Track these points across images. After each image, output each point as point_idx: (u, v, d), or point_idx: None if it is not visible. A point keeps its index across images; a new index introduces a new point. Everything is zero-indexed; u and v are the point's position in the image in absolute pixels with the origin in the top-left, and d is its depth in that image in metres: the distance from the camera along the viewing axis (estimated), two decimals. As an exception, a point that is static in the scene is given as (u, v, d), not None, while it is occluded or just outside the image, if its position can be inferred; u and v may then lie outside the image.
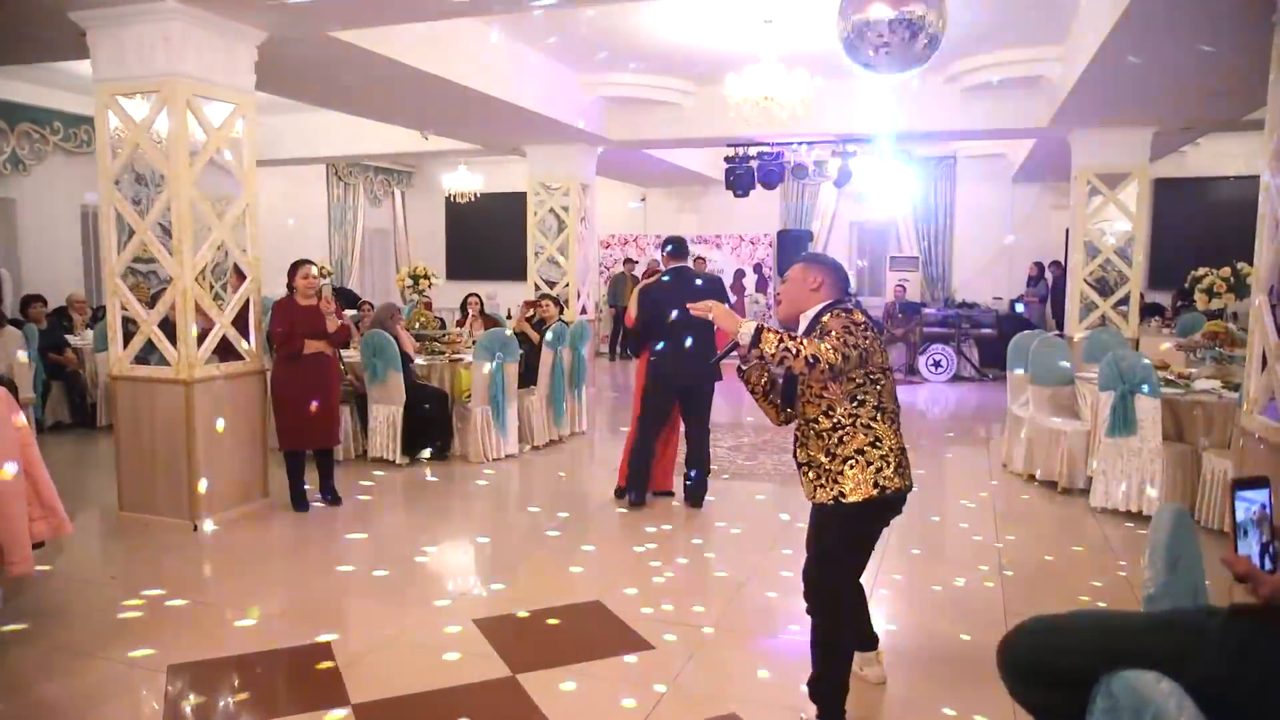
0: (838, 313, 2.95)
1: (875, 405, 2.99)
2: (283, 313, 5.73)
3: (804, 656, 3.25)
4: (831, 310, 3.00)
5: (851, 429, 2.97)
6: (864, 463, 2.96)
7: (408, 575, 4.76)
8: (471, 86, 7.62)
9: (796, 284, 3.15)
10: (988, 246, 14.66)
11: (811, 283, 3.11)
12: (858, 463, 2.96)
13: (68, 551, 5.13)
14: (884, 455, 2.98)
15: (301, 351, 5.70)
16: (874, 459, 2.97)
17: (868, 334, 2.91)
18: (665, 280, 5.95)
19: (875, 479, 2.97)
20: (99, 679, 3.55)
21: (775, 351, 2.78)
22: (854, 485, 2.96)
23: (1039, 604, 4.41)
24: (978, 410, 10.49)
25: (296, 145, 12.61)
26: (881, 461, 2.98)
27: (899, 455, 3.04)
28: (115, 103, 5.43)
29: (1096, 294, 9.36)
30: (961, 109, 9.31)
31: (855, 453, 2.97)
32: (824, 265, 3.17)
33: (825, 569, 3.13)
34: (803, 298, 3.13)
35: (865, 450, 2.97)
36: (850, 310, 2.98)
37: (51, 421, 8.64)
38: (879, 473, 2.97)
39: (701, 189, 16.04)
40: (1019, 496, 6.47)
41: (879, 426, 2.99)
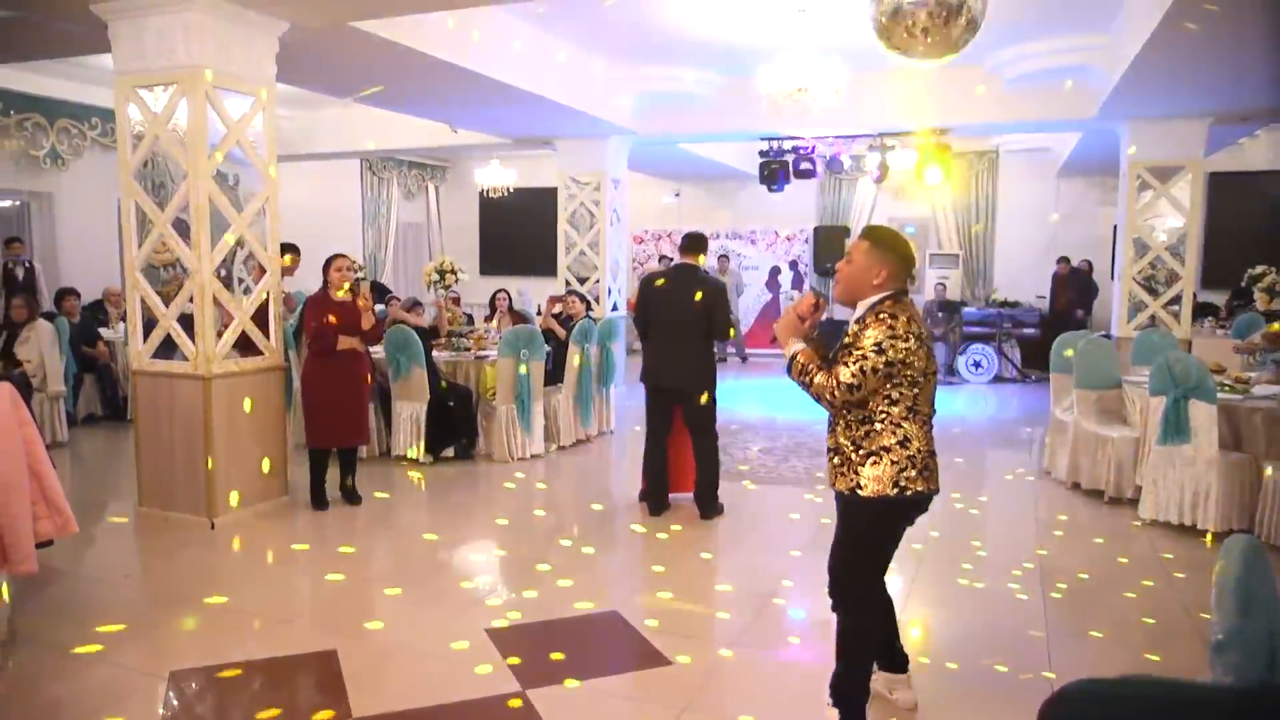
0: (884, 315, 2.86)
1: (909, 406, 2.90)
2: (317, 308, 5.65)
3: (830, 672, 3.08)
4: (882, 307, 2.89)
5: (881, 425, 2.90)
6: (888, 460, 2.90)
7: (421, 580, 4.63)
8: (498, 78, 7.49)
9: (860, 270, 2.96)
10: (1031, 243, 14.25)
11: (875, 274, 2.93)
12: (881, 459, 2.90)
13: (85, 548, 5.09)
14: (910, 456, 2.91)
15: (334, 348, 5.61)
16: (899, 458, 2.90)
17: (909, 342, 2.83)
18: (663, 274, 5.78)
19: (896, 478, 2.90)
20: (102, 682, 3.46)
21: (795, 376, 2.98)
22: (871, 480, 2.91)
23: (1083, 623, 4.17)
24: (1019, 413, 10.16)
25: (330, 139, 12.61)
26: (907, 462, 2.90)
27: (926, 458, 2.95)
28: (135, 95, 5.37)
29: (1146, 293, 9.01)
30: (1004, 101, 9.00)
31: (880, 449, 2.91)
32: (892, 254, 2.95)
33: (846, 561, 3.08)
34: (864, 287, 2.97)
35: (891, 448, 2.90)
36: (902, 309, 2.88)
37: (84, 414, 8.68)
38: (901, 473, 2.90)
39: (736, 184, 15.80)
40: (1062, 506, 6.20)
41: (909, 427, 2.91)
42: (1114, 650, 3.92)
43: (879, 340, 2.82)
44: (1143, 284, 9.06)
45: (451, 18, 6.68)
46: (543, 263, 13.77)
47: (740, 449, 7.75)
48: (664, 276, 5.76)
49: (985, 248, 14.54)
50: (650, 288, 5.75)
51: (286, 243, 7.36)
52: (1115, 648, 3.95)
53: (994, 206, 14.49)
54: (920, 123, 9.68)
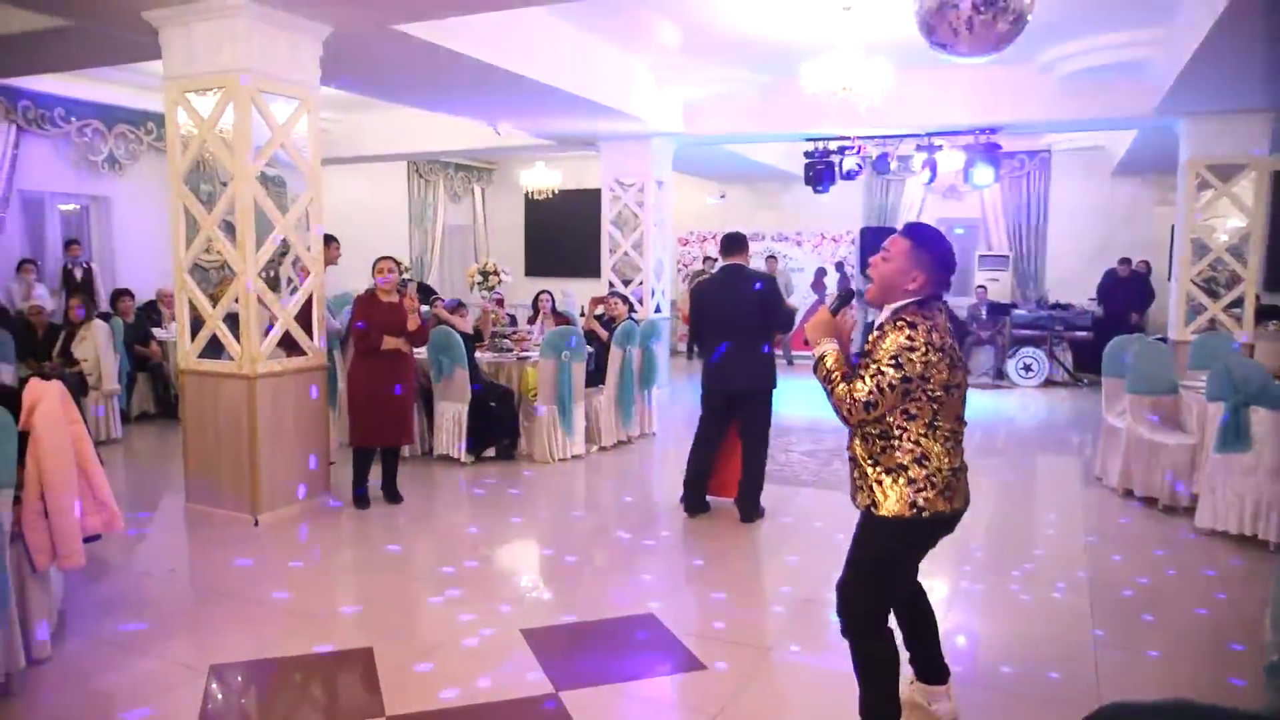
0: (904, 321, 2.69)
1: (928, 422, 2.72)
2: (363, 308, 5.74)
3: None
4: (903, 313, 2.73)
5: (898, 441, 2.74)
6: (905, 479, 2.74)
7: (459, 579, 4.64)
8: (540, 80, 7.50)
9: (897, 271, 2.78)
10: (1084, 244, 13.92)
11: (912, 278, 2.76)
12: (898, 477, 2.75)
13: (134, 543, 5.19)
14: (929, 475, 2.73)
15: (379, 347, 5.68)
16: (916, 477, 2.73)
17: (928, 355, 2.65)
18: (715, 278, 5.73)
19: (913, 498, 2.73)
20: (146, 674, 3.52)
21: (820, 381, 2.82)
22: (886, 499, 2.76)
23: (1135, 636, 4.04)
24: (1071, 418, 9.91)
25: (376, 142, 12.77)
26: (925, 481, 2.73)
27: (948, 477, 2.76)
28: (185, 99, 5.47)
29: (1205, 295, 8.73)
30: (1057, 99, 8.80)
31: (897, 466, 2.75)
32: (931, 257, 2.78)
33: (856, 581, 2.90)
34: (897, 289, 2.79)
35: (908, 466, 2.74)
36: (924, 317, 2.71)
37: (137, 412, 8.87)
38: (918, 492, 2.73)
39: (782, 185, 15.68)
40: (1114, 514, 6.02)
41: (928, 444, 2.73)
42: (1166, 666, 3.79)
43: (895, 353, 2.65)
44: (1202, 286, 8.79)
45: (493, 19, 6.70)
46: (587, 264, 13.80)
47: (783, 451, 7.67)
48: (715, 280, 5.74)
49: (1036, 249, 14.23)
50: (702, 293, 5.76)
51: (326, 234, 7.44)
52: (1168, 663, 3.81)
53: (1045, 207, 14.18)
54: (969, 121, 9.50)
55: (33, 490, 3.42)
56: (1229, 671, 3.72)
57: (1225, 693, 3.59)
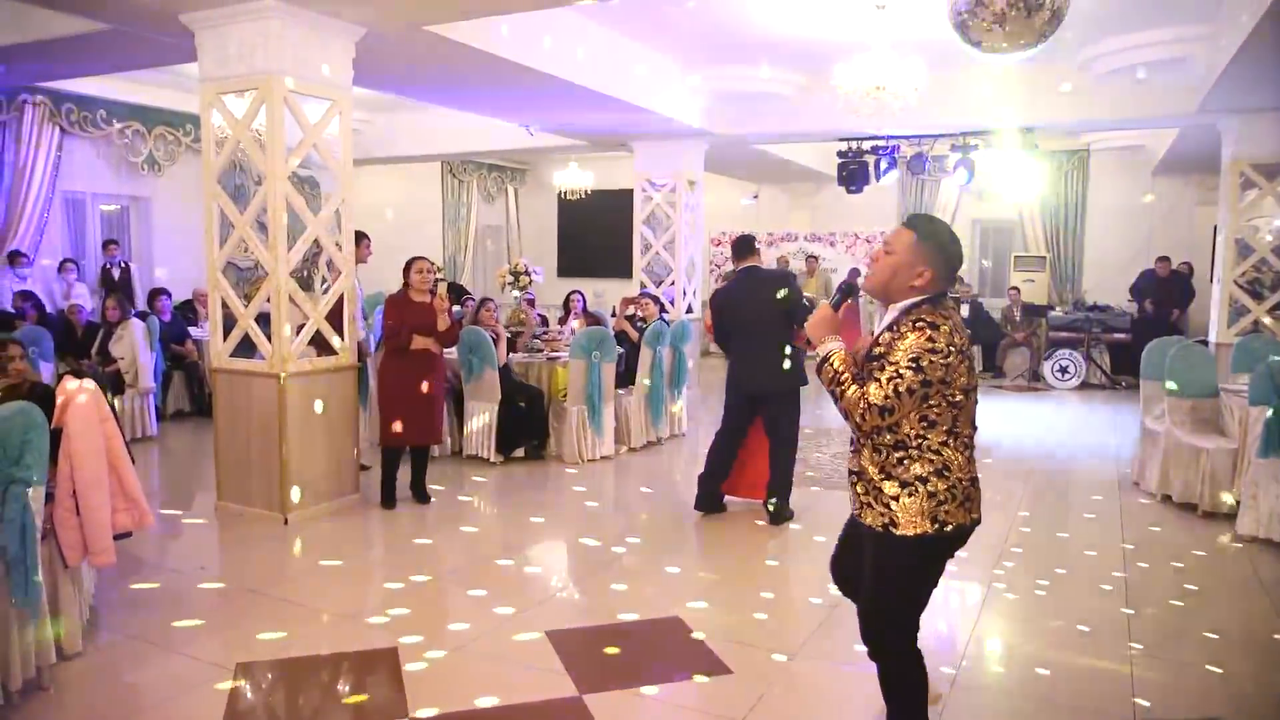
0: (924, 322, 2.51)
1: (948, 429, 2.57)
2: (394, 307, 5.78)
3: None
4: (919, 313, 2.54)
5: (916, 451, 2.58)
6: (925, 492, 2.56)
7: (486, 579, 4.65)
8: (573, 80, 7.50)
9: (902, 266, 2.60)
10: (1123, 245, 13.66)
11: (918, 274, 2.58)
12: (917, 491, 2.57)
13: (165, 540, 5.26)
14: (950, 487, 2.57)
15: (408, 346, 5.70)
16: (937, 489, 2.56)
17: (950, 358, 2.49)
18: (734, 283, 5.73)
19: (934, 512, 2.56)
20: (173, 671, 3.55)
21: (826, 384, 2.62)
22: (908, 516, 2.57)
23: (1174, 645, 3.94)
24: (1108, 421, 9.72)
25: (410, 143, 12.85)
26: (946, 494, 2.57)
27: (967, 487, 2.62)
28: (219, 101, 5.54)
29: (1249, 297, 8.53)
30: (1096, 98, 8.63)
31: (916, 479, 2.57)
32: (940, 252, 2.60)
33: (882, 606, 2.73)
34: (902, 286, 2.61)
35: (928, 479, 2.57)
36: (943, 317, 2.54)
37: (173, 410, 8.99)
38: (939, 505, 2.57)
39: (815, 185, 15.56)
40: (1152, 519, 5.89)
41: (949, 453, 2.58)
42: (1206, 677, 3.69)
43: (916, 355, 2.47)
44: (1245, 287, 8.58)
45: (525, 20, 6.71)
46: (620, 265, 13.80)
47: (813, 452, 7.60)
48: (734, 284, 5.73)
49: (1074, 250, 14.00)
50: (723, 299, 5.75)
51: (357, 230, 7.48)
52: (1207, 675, 3.71)
53: (1084, 207, 13.94)
54: (1005, 121, 9.35)
55: (65, 488, 3.47)
56: (1272, 684, 3.62)
57: (1267, 705, 3.49)
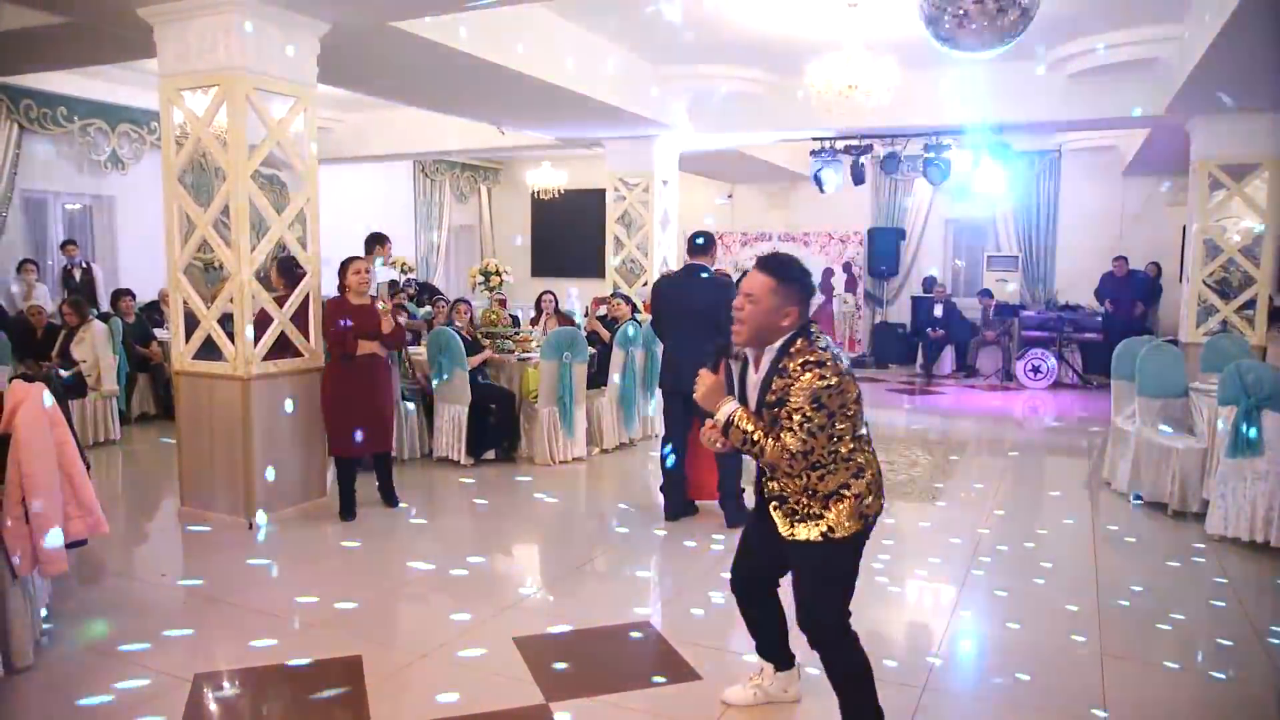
0: (810, 361, 2.65)
1: (853, 436, 2.76)
2: (335, 312, 5.51)
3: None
4: (801, 352, 2.68)
5: (833, 465, 2.75)
6: (851, 496, 2.76)
7: (452, 585, 4.56)
8: (542, 78, 7.42)
9: (768, 312, 2.73)
10: (1094, 245, 13.76)
11: (784, 315, 2.73)
12: (843, 498, 2.76)
13: (125, 547, 5.14)
14: (867, 484, 2.79)
15: (354, 353, 5.48)
16: (859, 490, 2.77)
17: (841, 382, 2.66)
18: (678, 275, 5.69)
19: (861, 511, 2.78)
20: (128, 685, 3.44)
21: (738, 445, 2.75)
22: (840, 521, 2.75)
23: (1144, 644, 3.93)
24: (1080, 420, 9.78)
25: (381, 142, 12.71)
26: (866, 489, 2.79)
27: (877, 477, 2.84)
28: (179, 97, 5.41)
29: (1217, 296, 8.60)
30: (1067, 98, 8.66)
31: (839, 488, 2.76)
32: (799, 287, 2.76)
33: (826, 603, 2.86)
34: (771, 327, 2.74)
35: (849, 484, 2.77)
36: (818, 346, 2.69)
37: (138, 413, 8.83)
38: (862, 502, 2.78)
39: (789, 185, 15.56)
40: (1122, 518, 5.91)
41: (860, 457, 2.79)
42: (1175, 675, 3.68)
43: (814, 395, 2.62)
44: (1214, 287, 8.65)
45: (495, 17, 6.62)
46: (593, 265, 13.74)
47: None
48: (677, 277, 5.71)
49: (1046, 250, 14.09)
50: (663, 289, 5.70)
51: (377, 233, 7.38)
52: (1177, 672, 3.71)
53: (1056, 207, 14.03)
54: (977, 121, 9.38)
55: (13, 494, 3.36)
56: (1242, 681, 3.61)
57: (1235, 704, 3.49)
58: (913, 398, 11.30)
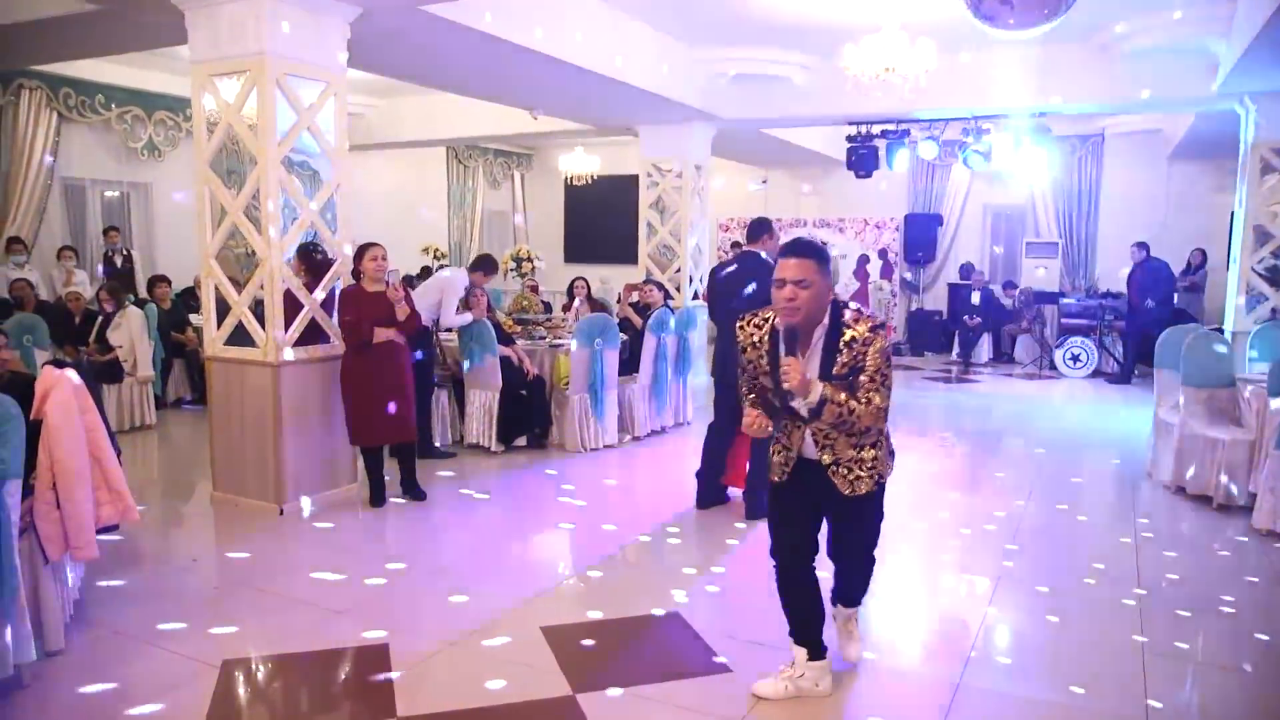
0: (873, 324, 2.94)
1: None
2: (350, 301, 5.45)
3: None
4: (853, 318, 2.96)
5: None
6: (884, 441, 3.16)
7: (481, 574, 4.54)
8: (577, 63, 7.34)
9: (819, 294, 2.94)
10: (1137, 232, 13.43)
11: (829, 292, 2.99)
12: (880, 444, 3.13)
13: (157, 532, 5.17)
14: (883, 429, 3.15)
15: (370, 341, 5.42)
16: (885, 430, 3.15)
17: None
18: (732, 262, 5.59)
19: (890, 449, 3.24)
20: (157, 668, 3.45)
21: (835, 420, 2.94)
22: (884, 466, 3.16)
23: (1189, 643, 3.79)
24: (1120, 410, 9.57)
25: (414, 128, 12.71)
26: (884, 434, 3.17)
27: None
28: (211, 83, 5.41)
29: (1267, 284, 8.33)
30: (1113, 80, 8.42)
31: (877, 435, 3.10)
32: (829, 265, 3.00)
33: (876, 538, 3.33)
34: (822, 308, 2.98)
35: (876, 429, 3.08)
36: (867, 314, 2.99)
37: (173, 398, 8.93)
38: (890, 442, 3.24)
39: (824, 170, 15.35)
40: (1165, 512, 5.75)
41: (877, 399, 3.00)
42: (1225, 673, 3.56)
43: (886, 352, 2.93)
44: (1264, 275, 8.39)
45: (527, 1, 6.55)
46: (627, 251, 13.66)
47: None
48: (729, 265, 5.59)
49: (1087, 236, 13.78)
50: (715, 278, 5.62)
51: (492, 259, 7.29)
52: (1224, 673, 3.59)
53: (1097, 193, 13.71)
54: (1019, 104, 9.16)
55: (45, 480, 3.37)
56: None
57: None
58: (949, 385, 11.12)
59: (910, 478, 6.29)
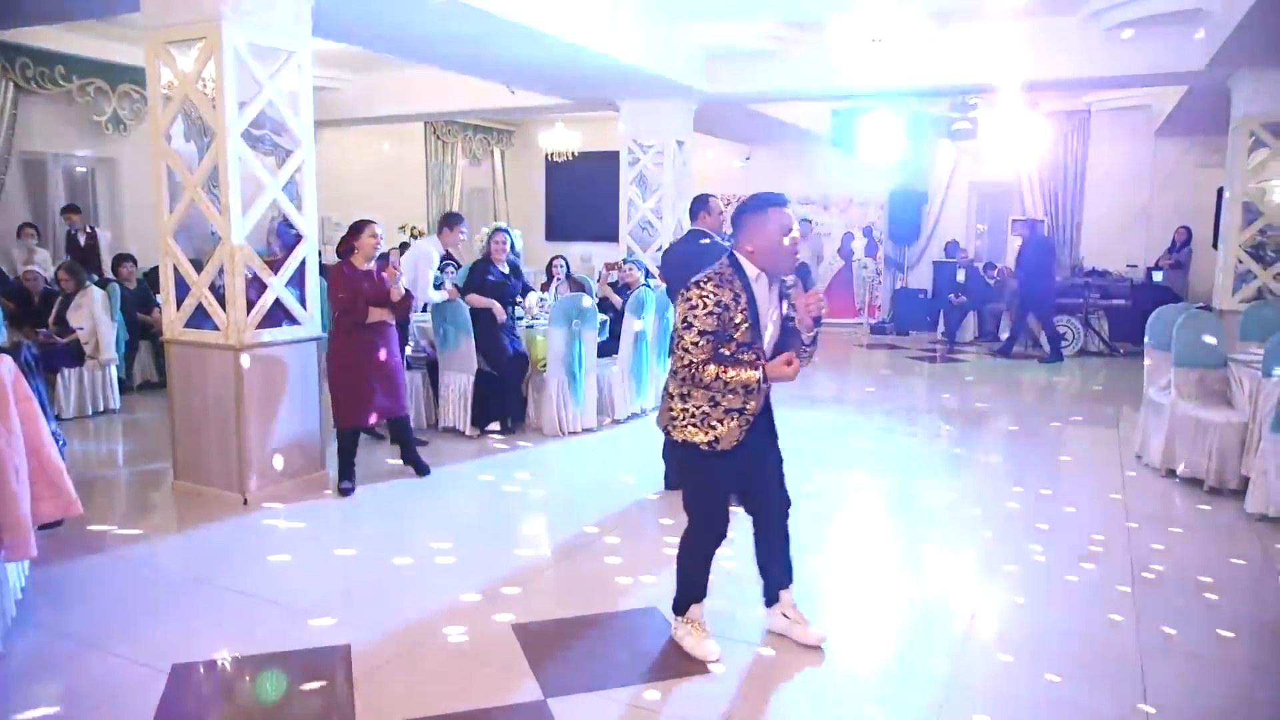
0: None
1: None
2: (344, 279, 5.31)
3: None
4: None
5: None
6: None
7: (450, 566, 4.36)
8: (553, 34, 7.08)
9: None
10: (1123, 209, 13.33)
11: None
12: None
13: (113, 522, 4.95)
14: None
15: (365, 320, 5.31)
16: None
17: None
18: (679, 244, 5.49)
19: None
20: (100, 674, 3.26)
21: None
22: None
23: (1182, 630, 3.66)
24: (1106, 390, 9.46)
25: (391, 102, 12.43)
26: None
27: None
28: (166, 52, 5.13)
29: (1255, 262, 8.22)
30: (1102, 53, 8.26)
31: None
32: None
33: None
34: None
35: None
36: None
37: (140, 381, 8.66)
38: None
39: (809, 147, 15.12)
40: (1156, 495, 5.64)
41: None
42: (1215, 666, 3.43)
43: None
44: (1251, 252, 8.28)
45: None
46: (608, 228, 13.44)
47: (791, 427, 7.29)
48: (678, 246, 5.49)
49: (1073, 214, 13.65)
50: (669, 259, 5.52)
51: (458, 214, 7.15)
52: (1218, 663, 3.46)
53: (1083, 170, 13.56)
54: (1007, 77, 8.98)
55: (-23, 475, 3.16)
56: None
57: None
58: (934, 365, 10.99)
59: (894, 461, 6.16)
